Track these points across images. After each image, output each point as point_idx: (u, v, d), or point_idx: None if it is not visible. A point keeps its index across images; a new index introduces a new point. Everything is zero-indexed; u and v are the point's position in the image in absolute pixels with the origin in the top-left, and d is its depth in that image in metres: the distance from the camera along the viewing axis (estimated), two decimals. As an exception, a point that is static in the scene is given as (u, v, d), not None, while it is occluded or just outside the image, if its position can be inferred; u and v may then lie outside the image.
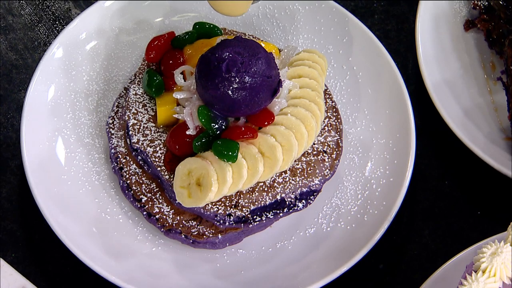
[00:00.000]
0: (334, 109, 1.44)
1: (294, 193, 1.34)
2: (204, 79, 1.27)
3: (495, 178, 1.48)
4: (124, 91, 1.47)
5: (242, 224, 1.32)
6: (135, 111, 1.39)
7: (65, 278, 1.40)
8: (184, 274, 1.36)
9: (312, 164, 1.36)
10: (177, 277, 1.35)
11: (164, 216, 1.35)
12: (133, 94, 1.41)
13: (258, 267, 1.37)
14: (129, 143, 1.38)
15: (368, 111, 1.51)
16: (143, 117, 1.39)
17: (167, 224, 1.35)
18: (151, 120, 1.38)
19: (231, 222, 1.32)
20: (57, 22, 1.66)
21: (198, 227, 1.35)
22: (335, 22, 1.56)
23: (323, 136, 1.40)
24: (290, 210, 1.35)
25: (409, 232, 1.48)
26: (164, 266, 1.36)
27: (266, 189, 1.33)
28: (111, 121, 1.44)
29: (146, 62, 1.44)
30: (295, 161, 1.35)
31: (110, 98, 1.50)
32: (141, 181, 1.37)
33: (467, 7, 1.64)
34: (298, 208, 1.35)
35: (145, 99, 1.41)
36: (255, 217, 1.32)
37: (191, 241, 1.34)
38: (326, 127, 1.41)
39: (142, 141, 1.36)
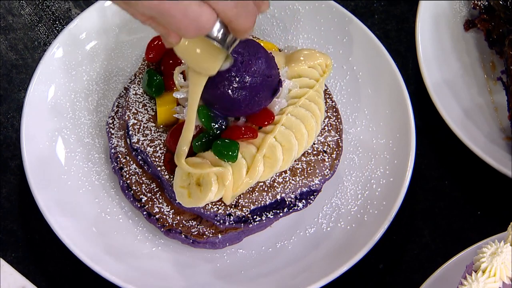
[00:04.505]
0: (334, 109, 1.44)
1: (294, 193, 1.34)
2: (204, 79, 1.27)
3: (495, 178, 1.48)
4: (124, 91, 1.47)
5: (242, 224, 1.32)
6: (135, 111, 1.39)
7: (65, 278, 1.40)
8: (184, 274, 1.36)
9: (312, 164, 1.36)
10: (177, 277, 1.35)
11: (164, 216, 1.35)
12: (133, 94, 1.41)
13: (258, 267, 1.37)
14: (129, 143, 1.38)
15: (368, 111, 1.51)
16: (143, 117, 1.38)
17: (167, 224, 1.35)
18: (151, 120, 1.38)
19: (231, 222, 1.32)
20: (57, 22, 1.66)
21: (198, 227, 1.35)
22: (335, 22, 1.56)
23: (323, 136, 1.40)
24: (290, 210, 1.35)
25: (409, 232, 1.48)
26: (164, 266, 1.36)
27: (266, 189, 1.33)
28: (111, 121, 1.43)
29: (146, 62, 1.44)
30: (295, 161, 1.35)
31: (110, 98, 1.50)
32: (141, 181, 1.37)
33: (467, 7, 1.64)
34: (298, 208, 1.35)
35: (145, 99, 1.41)
36: (255, 217, 1.32)
37: (191, 241, 1.34)
38: (326, 127, 1.41)
39: (142, 141, 1.36)
